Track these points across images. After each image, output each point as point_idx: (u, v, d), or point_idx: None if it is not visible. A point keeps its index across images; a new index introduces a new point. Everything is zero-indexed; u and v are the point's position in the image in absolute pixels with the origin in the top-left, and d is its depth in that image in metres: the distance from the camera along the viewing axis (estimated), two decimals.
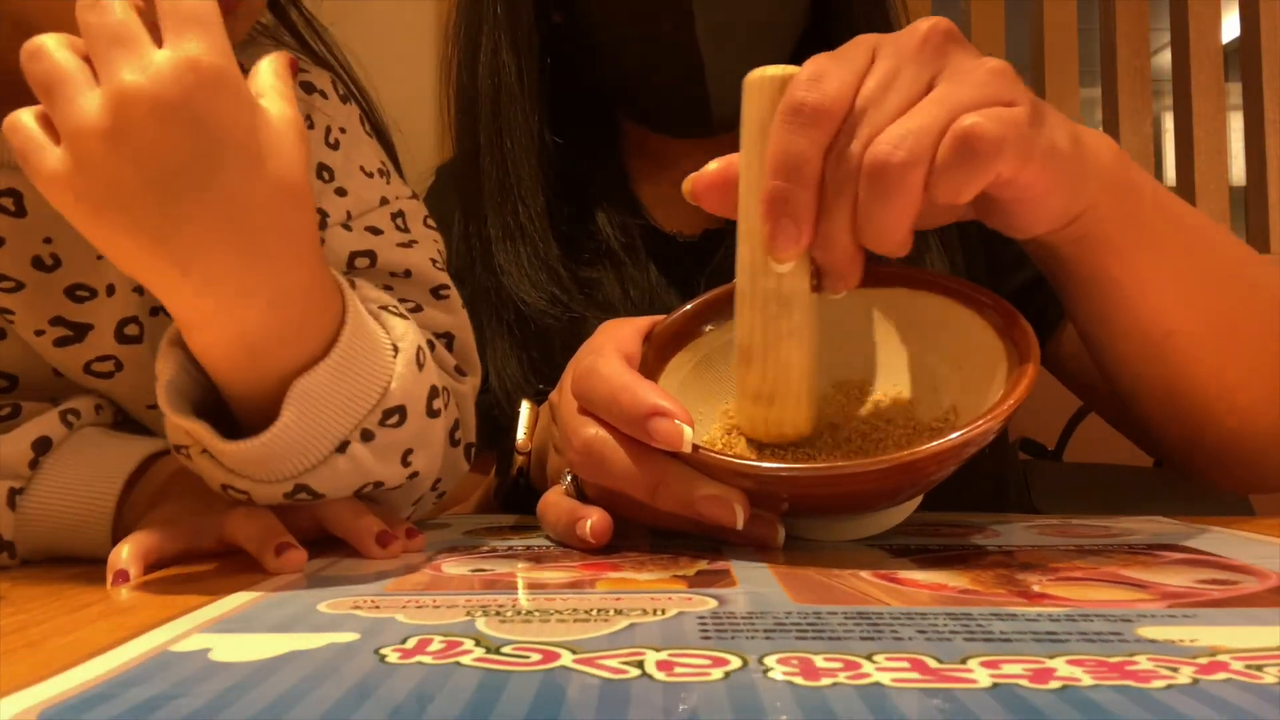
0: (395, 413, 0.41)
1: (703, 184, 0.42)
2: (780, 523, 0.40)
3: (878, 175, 0.36)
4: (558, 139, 0.69)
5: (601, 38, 0.68)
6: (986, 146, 0.36)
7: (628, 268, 0.68)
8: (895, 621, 0.27)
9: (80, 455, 0.43)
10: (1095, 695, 0.21)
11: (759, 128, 0.39)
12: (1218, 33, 1.25)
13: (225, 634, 0.27)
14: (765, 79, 0.40)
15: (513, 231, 0.67)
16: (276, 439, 0.37)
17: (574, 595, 0.31)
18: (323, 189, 0.51)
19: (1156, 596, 0.30)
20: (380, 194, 0.54)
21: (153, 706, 0.21)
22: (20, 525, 0.42)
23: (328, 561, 0.39)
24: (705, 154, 0.70)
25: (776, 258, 0.39)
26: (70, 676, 0.23)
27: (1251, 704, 0.20)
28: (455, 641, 0.26)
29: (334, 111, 0.54)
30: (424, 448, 0.43)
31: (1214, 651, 0.24)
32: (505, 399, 0.68)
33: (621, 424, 0.40)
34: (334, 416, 0.39)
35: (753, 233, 0.40)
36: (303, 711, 0.20)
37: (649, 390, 0.40)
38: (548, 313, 0.66)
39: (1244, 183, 1.26)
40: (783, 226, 0.38)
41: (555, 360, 0.65)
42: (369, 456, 0.40)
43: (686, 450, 0.38)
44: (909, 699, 0.21)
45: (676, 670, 0.23)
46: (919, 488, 0.41)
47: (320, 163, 0.51)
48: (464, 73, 0.70)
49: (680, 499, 0.39)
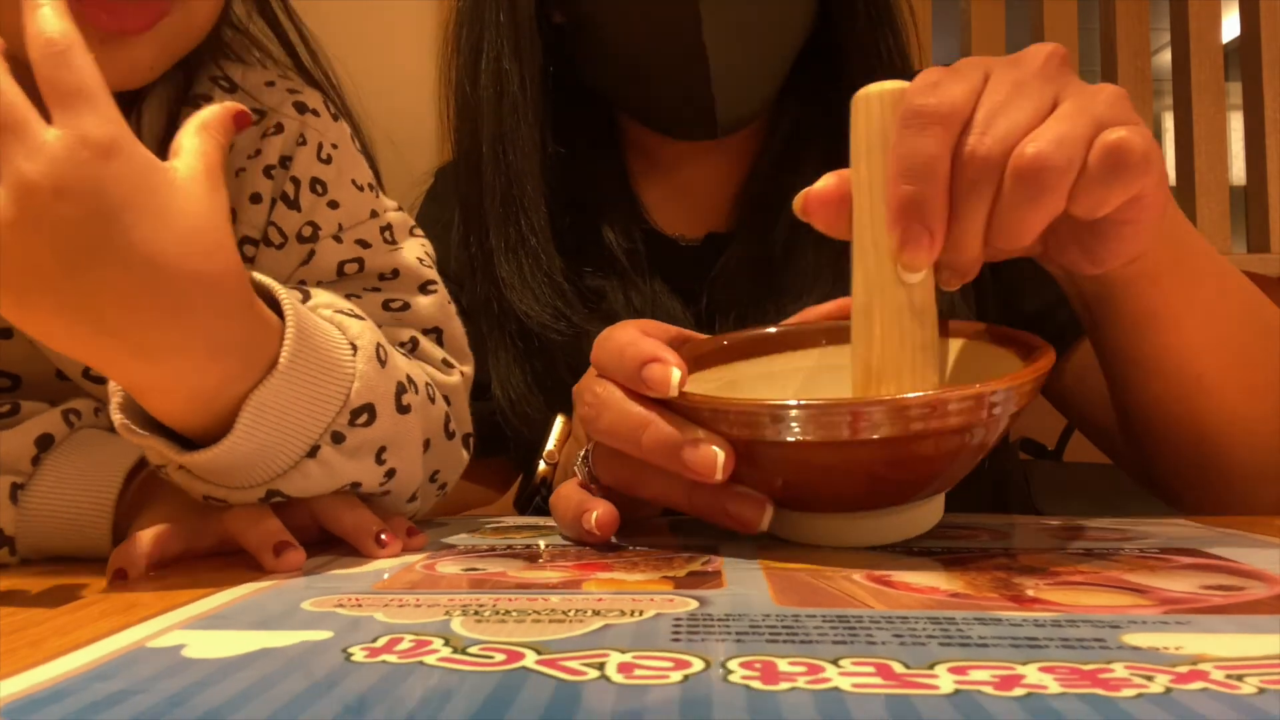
0: (364, 411, 0.41)
1: (815, 200, 0.41)
2: (770, 504, 0.39)
3: (1033, 176, 0.36)
4: (560, 148, 0.69)
5: (605, 41, 0.67)
6: (1136, 160, 0.36)
7: (630, 276, 0.67)
8: (873, 625, 0.27)
9: (81, 452, 0.44)
10: (1058, 704, 0.20)
11: (868, 144, 0.39)
12: (1218, 32, 1.22)
13: (202, 631, 0.27)
14: (876, 94, 0.39)
15: (515, 244, 0.67)
16: (231, 450, 0.38)
17: (556, 595, 0.31)
18: (315, 201, 0.53)
19: (1154, 602, 0.29)
20: (370, 207, 0.56)
21: (112, 702, 0.21)
22: (21, 521, 0.42)
23: (325, 560, 0.40)
24: (709, 156, 0.71)
25: (908, 266, 0.38)
26: (39, 672, 0.24)
27: (1220, 714, 0.19)
28: (425, 641, 0.26)
29: (324, 128, 0.56)
30: (400, 446, 0.43)
31: (1196, 660, 0.23)
32: (510, 409, 0.68)
33: (623, 376, 0.40)
34: (298, 422, 0.39)
35: (876, 246, 0.39)
36: (253, 710, 0.20)
37: (653, 344, 0.40)
38: (551, 327, 0.65)
39: (1244, 183, 1.23)
40: (914, 233, 0.37)
41: (559, 373, 0.65)
42: (339, 458, 0.41)
43: (674, 395, 0.38)
44: (864, 705, 0.20)
45: (636, 673, 0.22)
46: (927, 469, 0.38)
47: (314, 177, 0.54)
48: (465, 80, 0.70)
49: (666, 445, 0.38)
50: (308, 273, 0.53)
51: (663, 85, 0.67)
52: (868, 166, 0.39)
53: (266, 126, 0.54)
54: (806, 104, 0.70)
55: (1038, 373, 0.38)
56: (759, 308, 0.65)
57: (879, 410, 0.35)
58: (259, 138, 0.54)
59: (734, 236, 0.69)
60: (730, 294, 0.67)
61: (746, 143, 0.71)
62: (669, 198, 0.72)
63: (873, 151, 0.39)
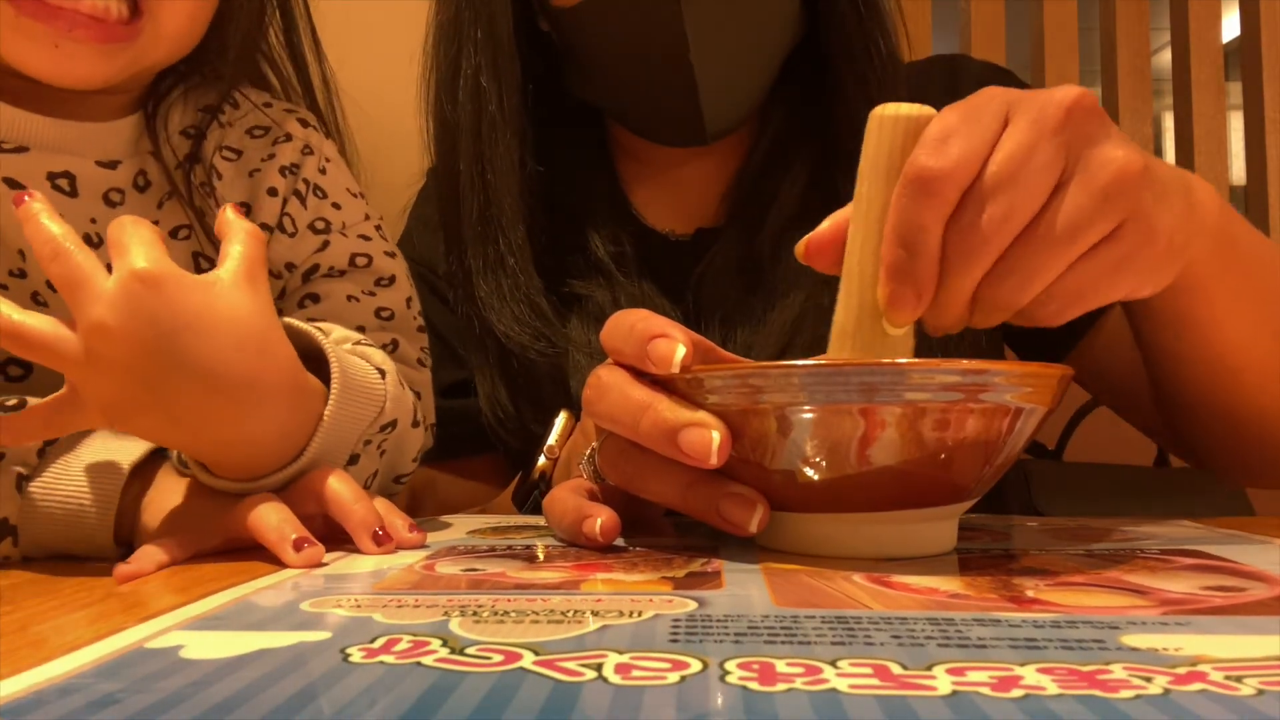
0: (390, 426, 0.49)
1: (816, 245, 0.41)
2: (763, 506, 0.38)
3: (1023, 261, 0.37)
4: (541, 166, 0.68)
5: (592, 56, 0.67)
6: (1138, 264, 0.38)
7: (618, 279, 0.67)
8: (872, 626, 0.27)
9: (87, 445, 0.44)
10: (1055, 705, 0.20)
11: (874, 166, 0.39)
12: (1218, 32, 1.22)
13: (200, 631, 0.27)
14: (891, 117, 0.39)
15: (493, 264, 0.67)
16: (288, 475, 0.44)
17: (555, 596, 0.31)
18: (321, 202, 0.62)
19: (1154, 603, 0.29)
20: (363, 210, 0.64)
21: (110, 702, 0.21)
22: (25, 512, 0.43)
23: (327, 559, 0.40)
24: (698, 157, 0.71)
25: (892, 322, 0.38)
26: (39, 672, 0.24)
27: (1218, 715, 0.19)
28: (423, 641, 0.25)
29: (321, 143, 0.64)
30: (397, 452, 0.51)
31: (1195, 661, 0.23)
32: (498, 425, 0.68)
33: (630, 350, 0.39)
34: (344, 441, 0.46)
35: (861, 273, 0.39)
36: (250, 710, 0.20)
37: (664, 321, 0.39)
38: (530, 347, 0.65)
39: (1244, 183, 1.22)
40: (901, 294, 0.37)
41: (543, 389, 0.65)
42: (368, 460, 0.48)
43: (675, 370, 0.38)
44: (861, 706, 0.20)
45: (634, 674, 0.22)
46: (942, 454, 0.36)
47: (316, 184, 0.62)
48: (443, 97, 0.69)
49: (664, 429, 0.38)
50: (323, 258, 0.60)
51: (650, 99, 0.66)
52: (869, 191, 0.39)
53: (278, 135, 0.62)
54: (796, 103, 0.70)
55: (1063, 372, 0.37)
56: (745, 306, 0.65)
57: (891, 373, 0.35)
58: (271, 144, 0.61)
59: (723, 230, 0.69)
60: (717, 291, 0.67)
61: (737, 141, 0.71)
62: (659, 197, 0.72)
63: (876, 176, 0.39)
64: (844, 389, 0.35)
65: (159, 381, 0.39)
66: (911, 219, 0.37)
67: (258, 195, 0.59)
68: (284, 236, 0.60)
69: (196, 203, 0.57)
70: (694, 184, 0.72)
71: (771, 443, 0.37)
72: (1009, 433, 0.36)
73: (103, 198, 0.54)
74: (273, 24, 0.65)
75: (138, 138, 0.57)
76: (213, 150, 0.59)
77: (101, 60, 0.50)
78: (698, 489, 0.38)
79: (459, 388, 0.71)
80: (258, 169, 0.60)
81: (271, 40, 0.65)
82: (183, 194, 0.56)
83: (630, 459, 0.41)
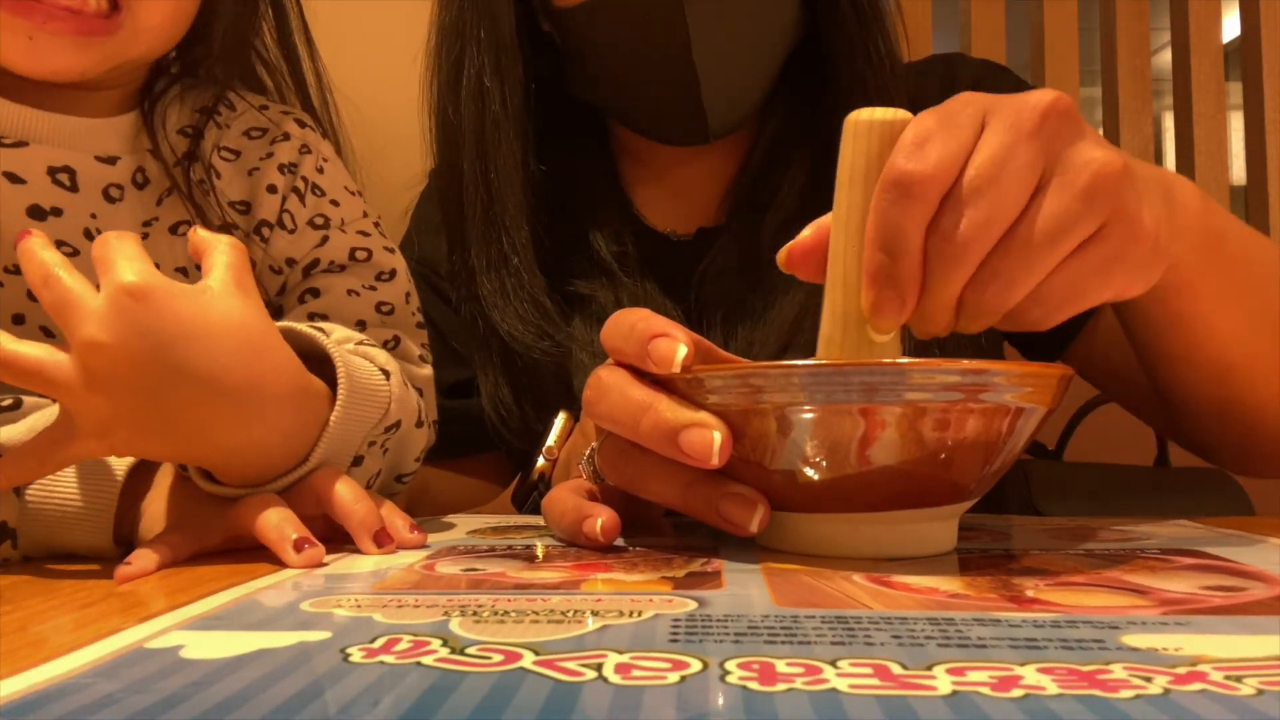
0: (394, 427, 0.49)
1: (798, 254, 0.41)
2: (764, 507, 0.37)
3: (1004, 265, 0.36)
4: (544, 165, 0.68)
5: (594, 58, 0.67)
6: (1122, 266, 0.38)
7: (621, 279, 0.67)
8: (872, 626, 0.27)
9: None
10: (1055, 705, 0.20)
11: (851, 173, 0.38)
12: (1218, 33, 1.22)
13: (200, 631, 0.27)
14: (865, 122, 0.38)
15: (497, 263, 0.67)
16: (292, 480, 0.44)
17: (556, 596, 0.31)
18: (319, 200, 0.62)
19: (1154, 603, 0.29)
20: (361, 208, 0.64)
21: (110, 702, 0.21)
22: (24, 514, 0.43)
23: (327, 559, 0.40)
24: (700, 156, 0.71)
25: (877, 329, 0.38)
26: (39, 672, 0.24)
27: (1218, 715, 0.19)
28: (423, 641, 0.25)
29: (318, 142, 0.64)
30: (400, 451, 0.50)
31: (1195, 661, 0.23)
32: (500, 424, 0.68)
33: (631, 350, 0.39)
34: (349, 443, 0.46)
35: (845, 283, 0.39)
36: (250, 710, 0.20)
37: (664, 321, 0.39)
38: (534, 346, 0.66)
39: (1244, 183, 1.22)
40: (885, 299, 0.37)
41: (546, 388, 0.65)
42: (372, 460, 0.48)
43: (676, 370, 0.37)
44: (861, 706, 0.20)
45: (634, 674, 0.22)
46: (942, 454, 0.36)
47: (314, 183, 0.62)
48: (446, 98, 0.69)
49: (664, 429, 0.37)
50: (323, 253, 0.61)
51: (653, 98, 0.67)
52: (848, 198, 0.39)
53: (275, 135, 0.62)
54: (796, 103, 0.70)
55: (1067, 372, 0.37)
56: (746, 304, 0.65)
57: (892, 373, 0.35)
58: (269, 143, 0.62)
59: (725, 230, 0.69)
60: (718, 290, 0.67)
61: (737, 141, 0.71)
62: (660, 197, 0.72)
63: (854, 183, 0.38)
64: (844, 389, 0.35)
65: (159, 392, 0.38)
66: (892, 223, 0.36)
67: (257, 193, 0.60)
68: (284, 232, 0.60)
69: (196, 199, 0.57)
70: (695, 184, 0.72)
71: (772, 443, 0.37)
72: (1009, 433, 0.36)
73: (102, 193, 0.54)
74: (266, 24, 0.65)
75: (136, 134, 0.57)
76: (210, 150, 0.59)
77: (77, 52, 0.50)
78: (698, 489, 0.38)
79: (461, 387, 0.72)
80: (256, 168, 0.61)
81: (266, 40, 0.66)
82: (182, 190, 0.56)
83: (630, 459, 0.41)
